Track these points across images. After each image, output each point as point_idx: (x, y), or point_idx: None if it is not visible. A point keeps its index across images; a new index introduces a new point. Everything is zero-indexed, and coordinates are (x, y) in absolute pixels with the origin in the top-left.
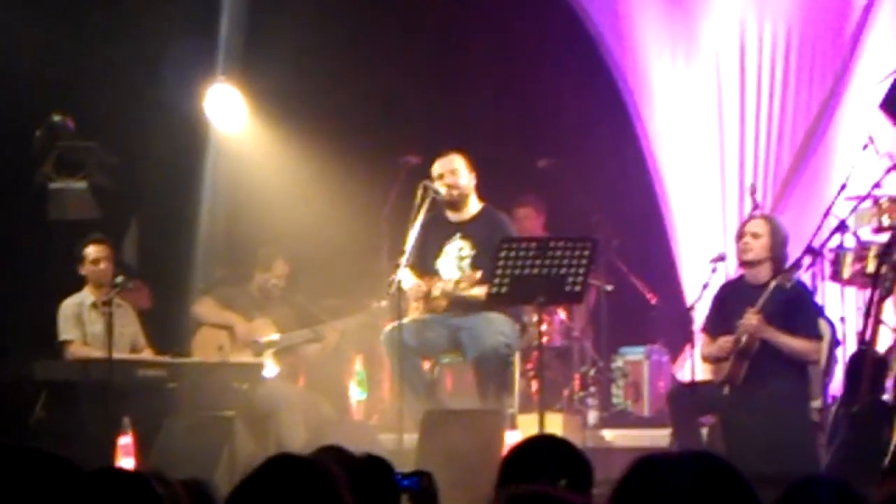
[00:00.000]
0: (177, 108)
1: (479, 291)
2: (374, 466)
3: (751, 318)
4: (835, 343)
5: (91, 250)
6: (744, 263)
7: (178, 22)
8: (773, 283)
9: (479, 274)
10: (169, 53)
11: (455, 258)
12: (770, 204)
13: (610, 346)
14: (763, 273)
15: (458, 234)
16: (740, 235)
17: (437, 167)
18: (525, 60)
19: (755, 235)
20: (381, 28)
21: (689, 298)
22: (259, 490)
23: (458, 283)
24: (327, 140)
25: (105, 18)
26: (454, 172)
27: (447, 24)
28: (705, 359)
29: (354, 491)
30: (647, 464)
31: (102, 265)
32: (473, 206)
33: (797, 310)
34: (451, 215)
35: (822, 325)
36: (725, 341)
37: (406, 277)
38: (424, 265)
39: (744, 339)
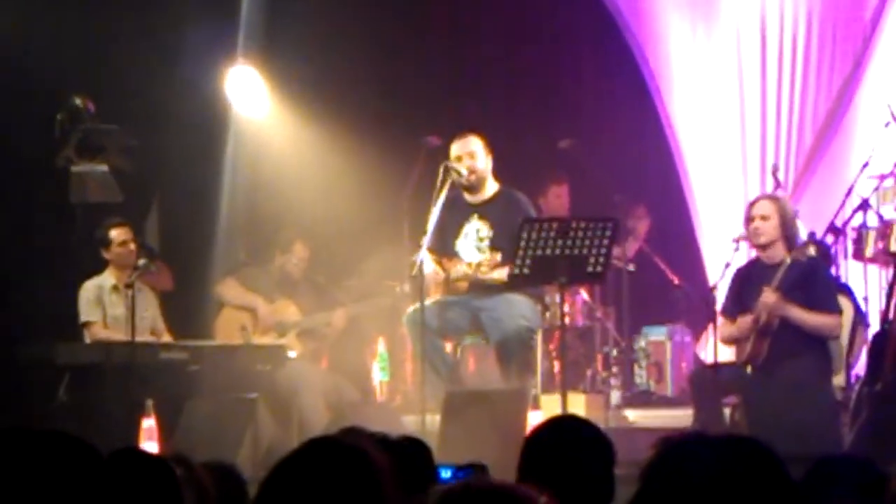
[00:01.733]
0: (197, 90)
1: (500, 274)
2: (412, 448)
3: (769, 296)
4: (859, 319)
5: (116, 233)
6: (757, 246)
7: (199, 4)
8: (788, 259)
9: (498, 257)
10: (189, 36)
11: (474, 239)
12: (792, 183)
13: (632, 327)
14: (777, 252)
15: (476, 215)
16: (749, 219)
17: (455, 149)
18: (544, 40)
19: (764, 217)
20: (401, 10)
21: (712, 278)
22: (296, 473)
23: (478, 266)
24: (347, 121)
25: (125, 0)
26: (472, 155)
27: (467, 5)
28: (725, 341)
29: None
30: (677, 446)
31: (130, 247)
32: (490, 187)
33: (813, 283)
34: (469, 197)
35: (843, 300)
36: (745, 321)
37: (427, 260)
38: (444, 246)
39: (763, 317)
